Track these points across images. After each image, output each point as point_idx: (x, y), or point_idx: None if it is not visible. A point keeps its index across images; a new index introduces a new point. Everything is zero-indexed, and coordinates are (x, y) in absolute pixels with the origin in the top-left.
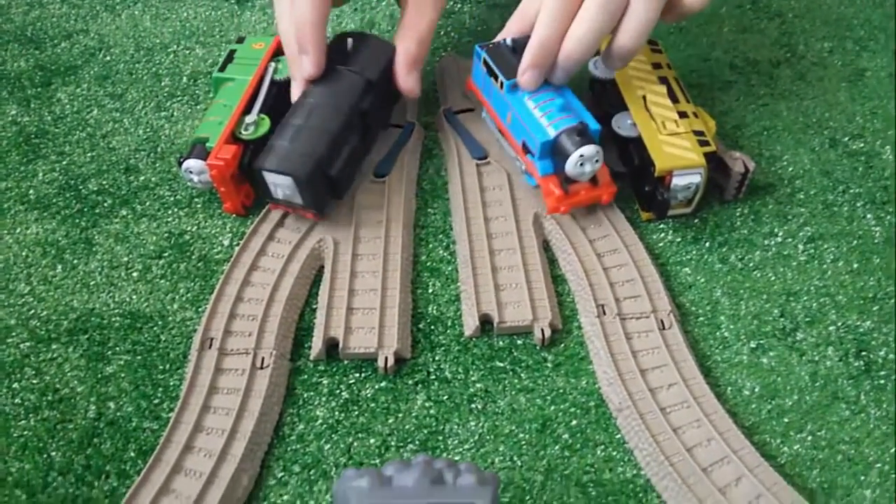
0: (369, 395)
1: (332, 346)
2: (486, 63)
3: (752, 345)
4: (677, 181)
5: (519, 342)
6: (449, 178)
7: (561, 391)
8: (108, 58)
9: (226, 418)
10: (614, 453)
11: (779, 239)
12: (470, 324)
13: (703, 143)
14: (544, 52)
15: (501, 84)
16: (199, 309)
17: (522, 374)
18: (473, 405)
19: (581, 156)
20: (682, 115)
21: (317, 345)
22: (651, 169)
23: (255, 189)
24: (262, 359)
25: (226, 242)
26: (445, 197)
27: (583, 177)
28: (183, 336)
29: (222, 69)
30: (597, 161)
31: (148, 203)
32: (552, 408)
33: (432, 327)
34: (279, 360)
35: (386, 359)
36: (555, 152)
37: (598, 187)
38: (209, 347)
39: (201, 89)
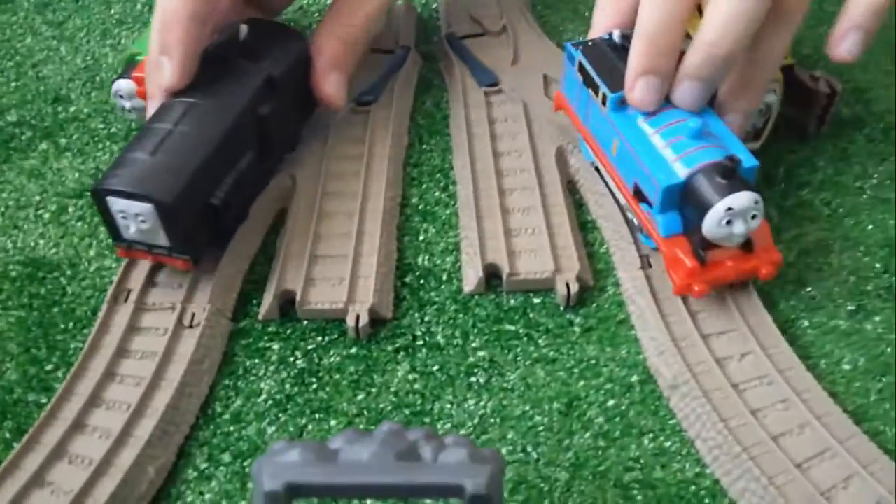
0: (333, 364)
1: (288, 303)
2: (582, 69)
3: (851, 307)
4: None
5: (536, 301)
6: (451, 110)
7: (593, 362)
8: None
9: (134, 390)
10: (668, 444)
11: (874, 181)
12: (471, 277)
13: None
14: (664, 48)
15: (604, 99)
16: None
17: (540, 341)
18: (474, 378)
19: (729, 209)
20: None
21: (267, 299)
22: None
23: None
24: (193, 315)
25: None
26: (445, 133)
27: (731, 241)
28: (96, 289)
29: None
30: (754, 217)
31: (75, 136)
32: (581, 383)
33: (422, 282)
34: (215, 318)
35: (357, 317)
36: (686, 202)
37: (752, 255)
38: (125, 301)
39: None
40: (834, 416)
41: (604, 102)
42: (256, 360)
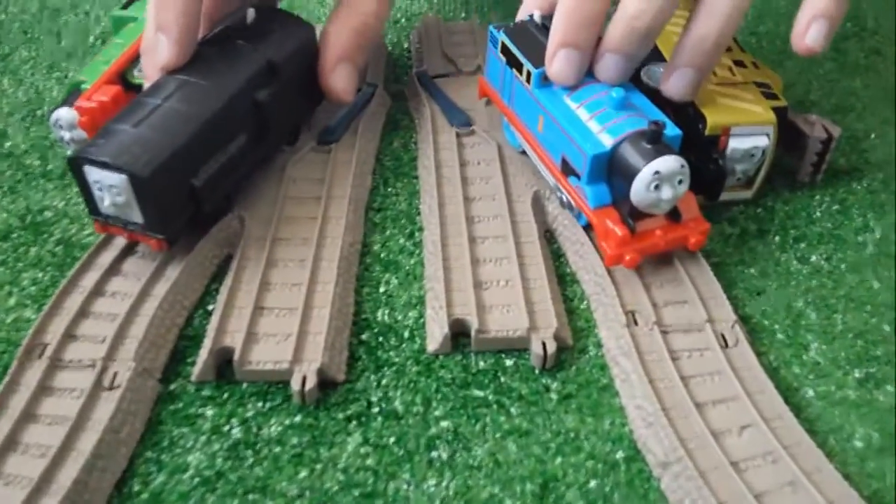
0: (274, 435)
1: (227, 362)
2: (505, 50)
3: (859, 374)
4: (737, 144)
5: (508, 363)
6: (419, 152)
7: (572, 435)
8: (1, 16)
9: (38, 461)
10: None
11: (877, 235)
12: (435, 334)
13: (771, 97)
14: (582, 21)
15: (528, 76)
16: (44, 306)
17: (513, 410)
18: (435, 453)
19: (656, 173)
20: (739, 64)
21: (202, 357)
22: (699, 127)
23: None
24: (115, 375)
25: None
26: (413, 175)
27: (659, 207)
28: (10, 343)
29: (126, 7)
30: (680, 182)
31: (8, 173)
32: (558, 460)
33: (381, 339)
34: (140, 379)
35: (304, 379)
36: (613, 172)
37: (680, 224)
38: (39, 356)
39: None
40: (852, 500)
41: (528, 80)
42: (185, 429)
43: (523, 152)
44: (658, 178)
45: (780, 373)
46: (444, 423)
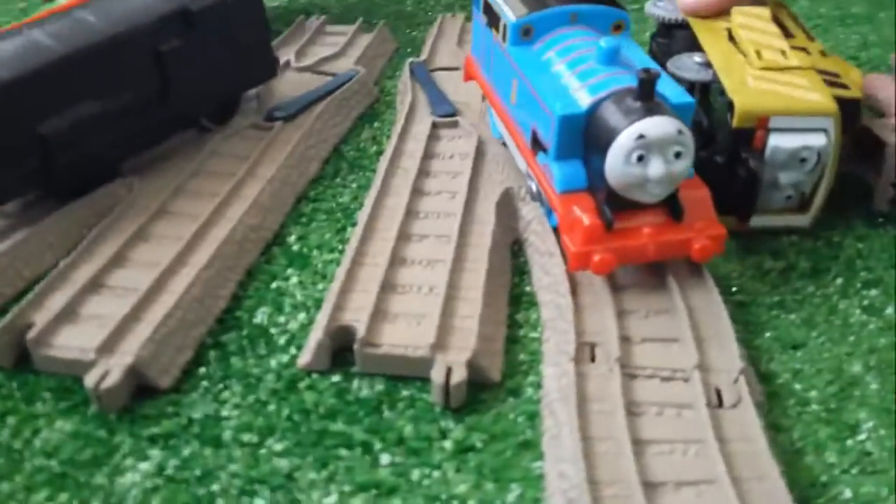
0: (48, 445)
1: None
2: (486, 7)
3: None
4: (779, 142)
5: (403, 393)
6: (387, 142)
7: None
8: None
9: None
10: None
11: None
12: (310, 343)
13: (838, 86)
14: None
15: (505, 32)
16: None
17: (383, 457)
18: (251, 501)
19: (640, 137)
20: (801, 50)
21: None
22: (727, 116)
23: None
24: None
25: None
26: (372, 170)
27: (645, 191)
28: None
29: None
30: (678, 155)
31: None
32: None
33: (245, 343)
34: None
35: (104, 375)
36: (591, 142)
37: (683, 225)
38: None
39: None
40: None
41: (504, 37)
42: None
43: (505, 144)
44: (643, 145)
45: (803, 458)
46: (278, 462)
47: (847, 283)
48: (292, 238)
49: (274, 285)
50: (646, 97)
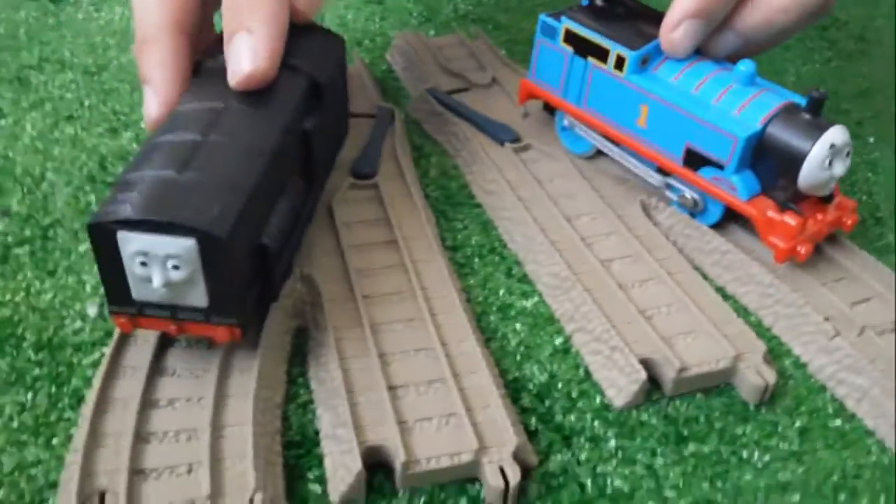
0: None
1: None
2: (570, 37)
3: None
4: None
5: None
6: (471, 175)
7: None
8: None
9: None
10: None
11: None
12: (621, 382)
13: None
14: None
15: (620, 62)
16: (54, 438)
17: None
18: None
19: (832, 146)
20: None
21: (350, 468)
22: None
23: None
24: None
25: (92, 313)
26: (472, 204)
27: (827, 187)
28: (25, 498)
29: None
30: (848, 154)
31: None
32: None
33: (547, 403)
34: None
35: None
36: (761, 155)
37: (829, 206)
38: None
39: None
40: None
41: (619, 66)
42: None
43: (597, 153)
44: (833, 152)
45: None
46: None
47: None
48: (477, 290)
49: (513, 342)
50: (817, 113)
